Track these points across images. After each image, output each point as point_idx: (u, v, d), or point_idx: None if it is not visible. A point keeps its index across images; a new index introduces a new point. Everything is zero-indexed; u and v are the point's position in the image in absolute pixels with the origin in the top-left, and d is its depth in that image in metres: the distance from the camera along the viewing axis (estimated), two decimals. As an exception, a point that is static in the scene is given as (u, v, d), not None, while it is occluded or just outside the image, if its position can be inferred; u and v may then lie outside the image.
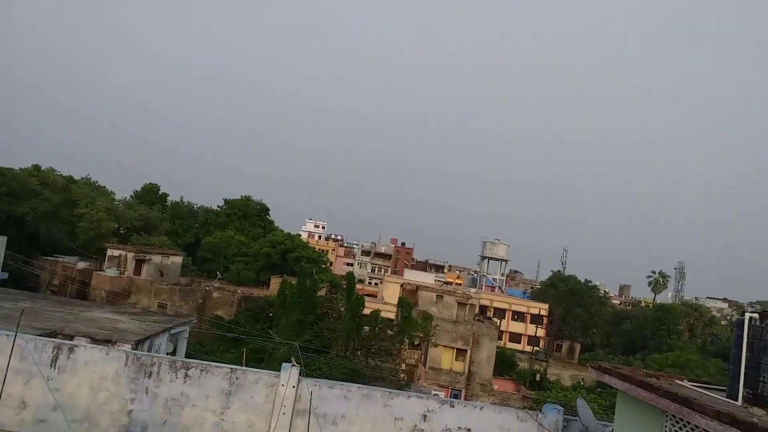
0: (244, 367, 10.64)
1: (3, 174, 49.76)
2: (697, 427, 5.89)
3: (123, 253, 46.59)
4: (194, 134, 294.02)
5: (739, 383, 6.42)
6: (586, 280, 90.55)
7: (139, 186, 78.42)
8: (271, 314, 36.96)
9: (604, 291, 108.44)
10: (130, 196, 77.04)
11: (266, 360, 26.90)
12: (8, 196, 47.94)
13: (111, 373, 9.66)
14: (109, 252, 46.52)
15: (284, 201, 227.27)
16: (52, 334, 14.33)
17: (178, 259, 51.44)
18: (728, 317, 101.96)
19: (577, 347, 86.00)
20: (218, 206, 76.80)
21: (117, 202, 69.84)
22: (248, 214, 73.54)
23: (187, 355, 23.76)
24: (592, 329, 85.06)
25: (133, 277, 45.09)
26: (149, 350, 17.32)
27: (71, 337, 14.92)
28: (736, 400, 6.42)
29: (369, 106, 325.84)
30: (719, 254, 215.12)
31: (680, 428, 6.33)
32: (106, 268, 45.24)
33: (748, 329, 6.33)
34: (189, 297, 44.12)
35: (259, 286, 54.56)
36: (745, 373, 6.38)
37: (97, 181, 70.10)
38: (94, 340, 15.11)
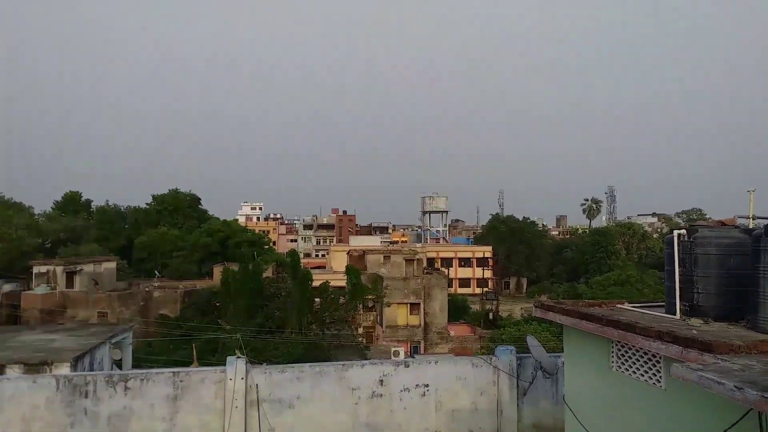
0: (189, 368, 10.15)
1: None
2: (641, 348, 5.94)
3: (51, 268, 44.12)
4: (110, 131, 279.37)
5: (675, 298, 6.52)
6: (524, 217, 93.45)
7: (59, 196, 74.54)
8: (218, 304, 36.07)
9: (543, 225, 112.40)
10: (51, 207, 73.10)
11: (220, 351, 26.32)
12: None
13: (42, 401, 8.98)
14: (36, 269, 43.98)
15: (216, 188, 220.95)
16: (-20, 368, 13.33)
17: (111, 265, 49.30)
18: (659, 230, 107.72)
19: (524, 281, 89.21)
20: (147, 204, 73.82)
21: (37, 217, 66.12)
22: (179, 207, 71.10)
23: (136, 360, 22.85)
24: (536, 262, 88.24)
25: (66, 291, 42.87)
26: (91, 365, 16.48)
27: (2, 367, 13.94)
28: (675, 314, 6.53)
29: (289, 70, 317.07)
30: (644, 173, 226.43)
31: (626, 352, 6.39)
32: (34, 287, 42.79)
33: (678, 245, 6.39)
34: (129, 301, 42.44)
35: (202, 278, 53.17)
36: (680, 287, 6.48)
37: (12, 198, 66.05)
38: (28, 366, 14.18)
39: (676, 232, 6.50)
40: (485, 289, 66.33)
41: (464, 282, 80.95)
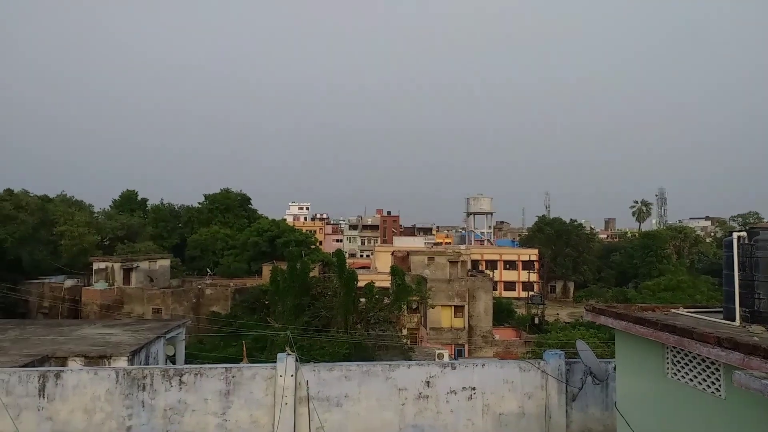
0: (240, 364, 10.40)
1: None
2: (699, 355, 5.77)
3: (109, 264, 46.06)
4: (166, 133, 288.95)
5: (734, 303, 6.30)
6: (571, 219, 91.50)
7: (117, 194, 77.41)
8: (266, 302, 36.76)
9: (590, 227, 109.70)
10: (109, 206, 76.02)
11: (268, 348, 26.85)
12: (-19, 226, 46.92)
13: (103, 393, 9.38)
14: (96, 265, 45.97)
15: (264, 188, 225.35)
16: (44, 360, 13.99)
17: (166, 262, 50.99)
18: (712, 234, 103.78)
19: (571, 286, 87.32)
20: (199, 203, 76.03)
21: (96, 214, 68.90)
22: (230, 207, 72.94)
23: (189, 356, 23.54)
24: (583, 266, 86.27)
25: (123, 287, 44.61)
26: (146, 359, 17.04)
27: (64, 360, 14.57)
28: (734, 320, 6.32)
29: (333, 78, 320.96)
30: (696, 176, 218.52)
31: (682, 358, 6.23)
32: (94, 283, 44.68)
33: (738, 248, 6.19)
34: (182, 298, 43.80)
35: (252, 276, 54.36)
36: (740, 292, 6.26)
37: (73, 196, 69.03)
38: (88, 359, 14.77)
39: (735, 234, 6.29)
40: (531, 293, 65.40)
41: (509, 285, 79.85)
